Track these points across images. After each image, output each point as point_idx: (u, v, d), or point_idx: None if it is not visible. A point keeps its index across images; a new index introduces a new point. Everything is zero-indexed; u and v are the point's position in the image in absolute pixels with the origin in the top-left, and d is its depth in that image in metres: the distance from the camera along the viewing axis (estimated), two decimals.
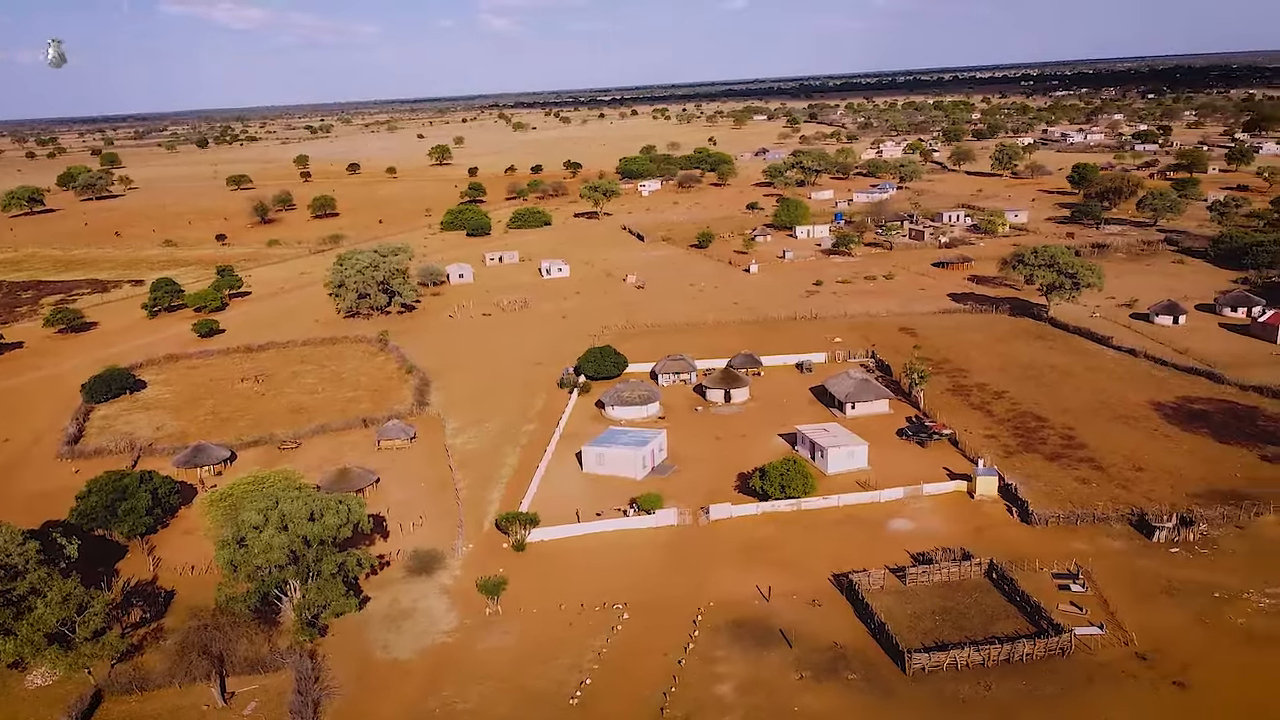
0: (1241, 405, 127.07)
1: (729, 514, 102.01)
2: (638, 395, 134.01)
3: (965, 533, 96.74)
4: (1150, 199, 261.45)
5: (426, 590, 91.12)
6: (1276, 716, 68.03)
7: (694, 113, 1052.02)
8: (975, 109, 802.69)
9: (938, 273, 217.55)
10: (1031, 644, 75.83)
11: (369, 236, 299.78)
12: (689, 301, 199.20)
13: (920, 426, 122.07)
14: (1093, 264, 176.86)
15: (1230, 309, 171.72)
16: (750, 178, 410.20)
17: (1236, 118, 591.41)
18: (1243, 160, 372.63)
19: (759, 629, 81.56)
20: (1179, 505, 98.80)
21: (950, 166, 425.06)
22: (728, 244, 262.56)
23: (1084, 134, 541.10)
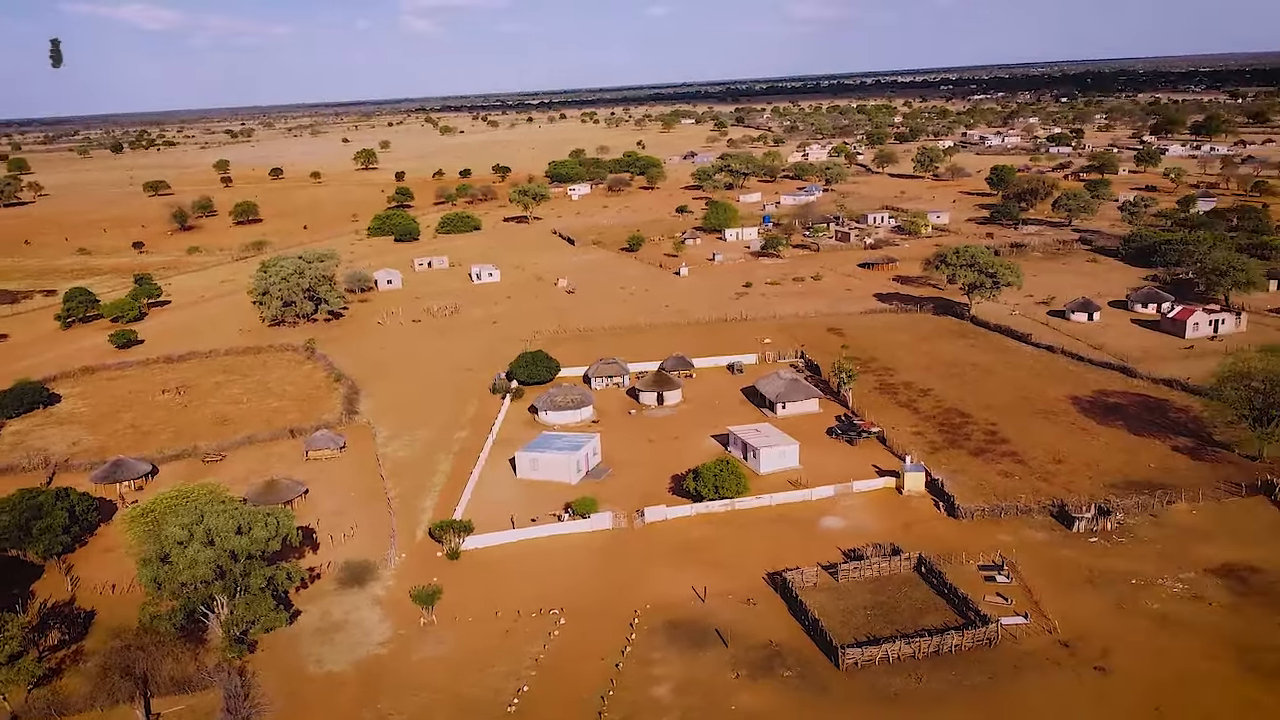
0: (1153, 398, 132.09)
1: (664, 516, 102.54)
2: (571, 400, 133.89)
3: (895, 528, 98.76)
4: (1065, 200, 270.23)
5: (359, 602, 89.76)
6: (1189, 696, 70.81)
7: (622, 116, 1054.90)
8: (897, 113, 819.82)
9: (864, 273, 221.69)
10: (960, 635, 77.74)
11: (294, 242, 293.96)
12: (621, 305, 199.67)
13: (849, 425, 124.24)
14: (1012, 263, 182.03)
15: (1141, 305, 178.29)
16: (679, 181, 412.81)
17: (1144, 121, 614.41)
18: (1150, 162, 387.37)
19: (695, 629, 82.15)
20: (1097, 496, 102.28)
21: (874, 169, 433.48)
22: (658, 247, 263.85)
23: (1001, 137, 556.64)
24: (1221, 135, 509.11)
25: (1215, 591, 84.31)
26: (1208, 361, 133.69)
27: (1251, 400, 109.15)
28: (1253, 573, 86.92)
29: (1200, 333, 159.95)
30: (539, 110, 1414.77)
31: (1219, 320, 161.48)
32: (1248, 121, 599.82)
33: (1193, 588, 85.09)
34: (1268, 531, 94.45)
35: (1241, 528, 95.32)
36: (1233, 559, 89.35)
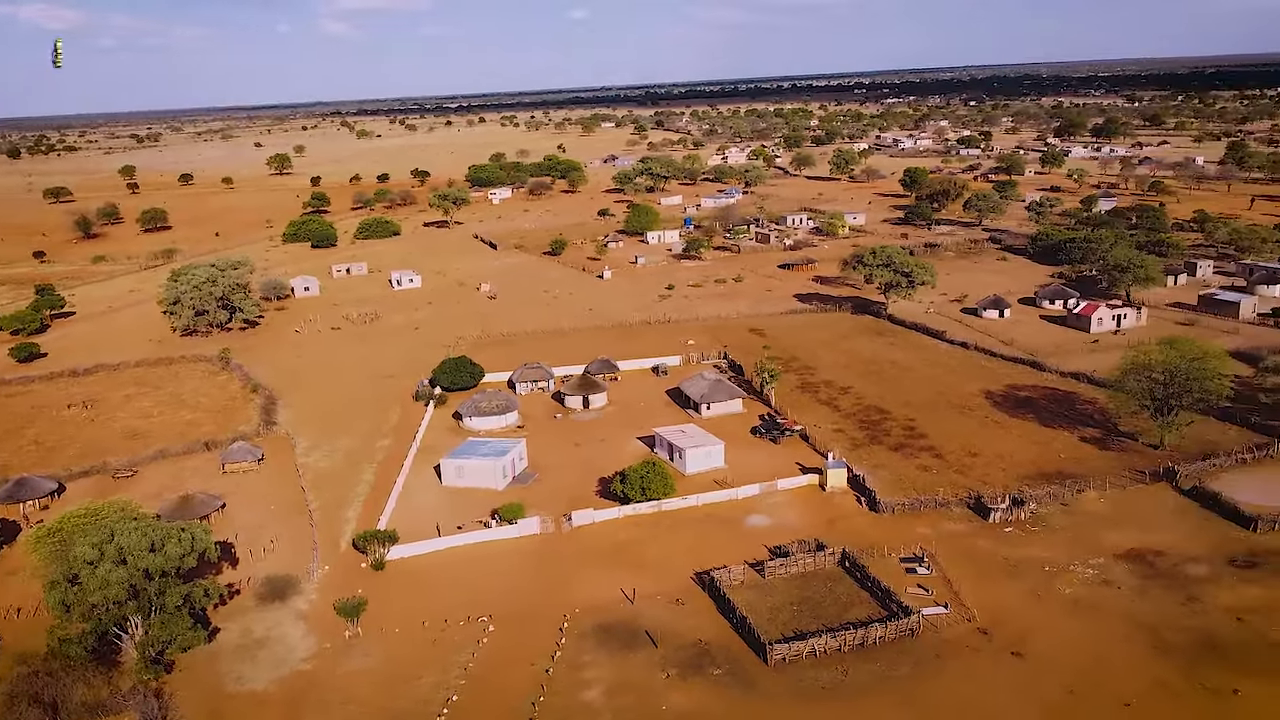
0: (1062, 391, 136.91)
1: (591, 519, 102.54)
2: (495, 405, 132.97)
3: (819, 524, 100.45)
4: (975, 200, 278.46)
5: (281, 617, 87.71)
6: (1101, 678, 73.56)
7: (542, 120, 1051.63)
8: (813, 116, 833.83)
9: (784, 274, 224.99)
10: (883, 627, 79.45)
11: (205, 250, 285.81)
12: (544, 309, 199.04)
13: (773, 424, 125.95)
14: (926, 263, 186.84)
15: (1049, 302, 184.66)
16: (600, 184, 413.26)
17: (1048, 124, 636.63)
18: (1055, 163, 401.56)
19: (625, 631, 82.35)
20: (1011, 487, 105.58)
21: (792, 171, 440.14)
22: (581, 250, 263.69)
23: (914, 139, 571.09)
24: (1120, 137, 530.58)
25: (1123, 576, 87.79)
26: (1112, 355, 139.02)
27: (1152, 391, 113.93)
28: (1158, 556, 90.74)
29: (1104, 327, 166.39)
30: (458, 114, 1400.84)
31: (1121, 315, 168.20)
32: (1144, 124, 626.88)
33: (1102, 573, 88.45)
34: (1171, 516, 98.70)
35: (1146, 513, 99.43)
36: (1139, 544, 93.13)
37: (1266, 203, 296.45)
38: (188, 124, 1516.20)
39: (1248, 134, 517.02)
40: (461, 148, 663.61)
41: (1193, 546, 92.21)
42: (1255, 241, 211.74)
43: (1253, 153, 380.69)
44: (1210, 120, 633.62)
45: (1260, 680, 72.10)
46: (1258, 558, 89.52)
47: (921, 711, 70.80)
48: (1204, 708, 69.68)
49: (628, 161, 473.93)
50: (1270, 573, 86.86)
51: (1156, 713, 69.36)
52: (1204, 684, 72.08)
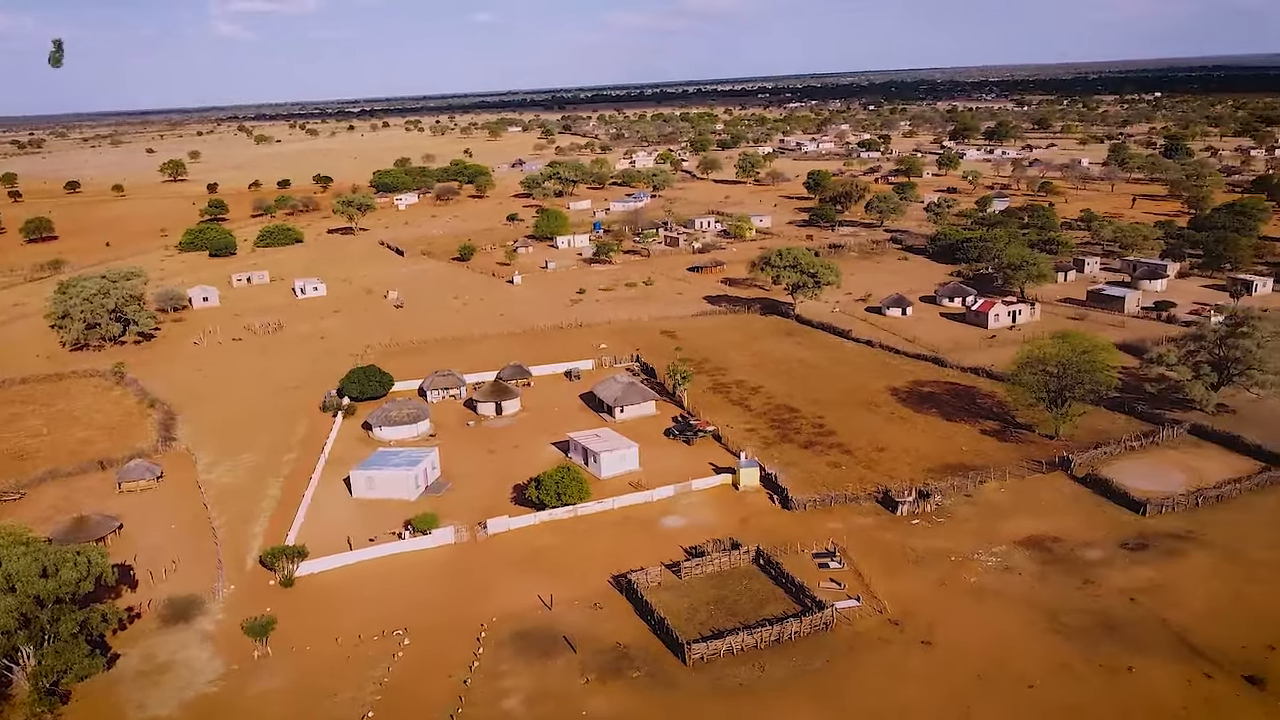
0: (962, 385, 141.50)
1: (507, 526, 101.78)
2: (406, 414, 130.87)
3: (733, 523, 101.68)
4: (876, 202, 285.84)
5: (185, 639, 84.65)
6: (1006, 662, 76.23)
7: (448, 124, 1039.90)
8: (719, 120, 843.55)
9: (693, 277, 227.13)
10: (798, 622, 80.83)
11: (96, 261, 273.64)
12: (454, 315, 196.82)
13: (686, 425, 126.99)
14: (831, 263, 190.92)
15: (948, 299, 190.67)
16: (509, 189, 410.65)
17: (943, 127, 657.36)
18: (951, 165, 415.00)
19: (543, 638, 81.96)
20: (917, 480, 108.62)
21: (699, 175, 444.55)
22: (490, 256, 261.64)
23: (816, 143, 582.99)
24: (1011, 140, 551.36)
25: (1024, 562, 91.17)
26: (1008, 350, 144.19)
27: (1046, 384, 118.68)
28: (1055, 542, 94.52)
29: (1001, 323, 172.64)
30: (360, 118, 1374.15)
31: (1017, 311, 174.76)
32: (1033, 127, 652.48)
33: (1004, 560, 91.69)
34: (1067, 503, 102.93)
35: (1044, 501, 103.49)
36: (1038, 531, 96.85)
37: (1147, 201, 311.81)
38: (73, 129, 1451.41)
39: (1128, 136, 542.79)
40: (365, 153, 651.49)
41: (1088, 532, 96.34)
42: (1138, 239, 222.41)
43: (1133, 154, 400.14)
44: (1093, 123, 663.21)
45: (1152, 657, 75.75)
46: (1147, 540, 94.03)
47: (836, 703, 72.31)
48: (1102, 686, 72.84)
49: (536, 166, 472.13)
50: (1159, 554, 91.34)
51: (1058, 693, 72.22)
52: (1101, 663, 75.36)
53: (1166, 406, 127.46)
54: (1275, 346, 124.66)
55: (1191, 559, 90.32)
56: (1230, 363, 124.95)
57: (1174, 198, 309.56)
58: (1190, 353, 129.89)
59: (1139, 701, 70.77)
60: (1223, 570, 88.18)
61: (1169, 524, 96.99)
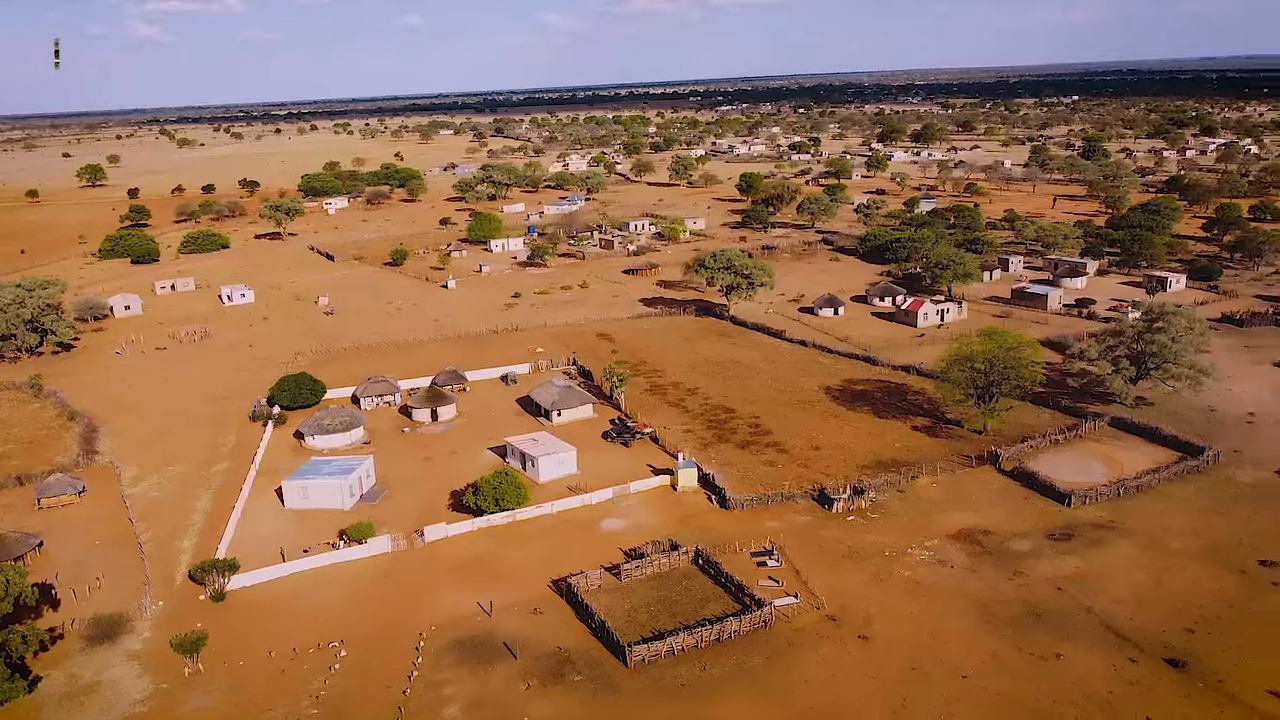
0: (894, 383, 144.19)
1: (444, 534, 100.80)
2: (339, 422, 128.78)
3: (672, 524, 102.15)
4: (807, 204, 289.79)
5: (111, 659, 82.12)
6: (940, 653, 77.94)
7: (378, 128, 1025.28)
8: (651, 123, 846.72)
9: (629, 279, 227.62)
10: (738, 621, 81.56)
11: (9, 269, 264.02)
12: (388, 321, 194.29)
13: (623, 427, 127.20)
14: (764, 264, 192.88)
15: (879, 299, 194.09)
16: (441, 193, 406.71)
17: (871, 130, 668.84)
18: (879, 167, 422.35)
19: (483, 645, 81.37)
20: (851, 477, 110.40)
21: (632, 178, 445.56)
22: (423, 260, 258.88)
23: (748, 145, 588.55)
24: (937, 142, 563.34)
25: (956, 555, 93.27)
26: (937, 347, 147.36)
27: (974, 380, 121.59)
28: (986, 535, 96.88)
29: (930, 322, 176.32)
30: (287, 121, 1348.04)
31: (945, 310, 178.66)
32: (958, 130, 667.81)
33: (937, 554, 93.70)
34: (996, 496, 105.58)
35: (974, 495, 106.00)
36: (969, 524, 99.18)
37: (1067, 201, 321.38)
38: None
39: (1047, 138, 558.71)
40: (293, 156, 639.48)
41: (1016, 524, 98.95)
42: (1059, 238, 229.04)
43: (1053, 156, 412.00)
44: (1015, 126, 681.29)
45: (1079, 644, 78.12)
46: (1073, 531, 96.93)
47: (777, 700, 73.13)
48: (1032, 673, 74.87)
49: (468, 169, 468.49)
50: (1084, 544, 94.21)
51: (990, 682, 74.03)
52: (1031, 652, 77.47)
53: (1088, 400, 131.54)
54: (1189, 341, 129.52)
55: (1114, 548, 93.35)
56: (1147, 357, 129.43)
57: (1092, 198, 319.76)
58: (1110, 348, 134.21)
59: (1068, 687, 72.91)
60: (1143, 558, 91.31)
61: (1093, 514, 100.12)
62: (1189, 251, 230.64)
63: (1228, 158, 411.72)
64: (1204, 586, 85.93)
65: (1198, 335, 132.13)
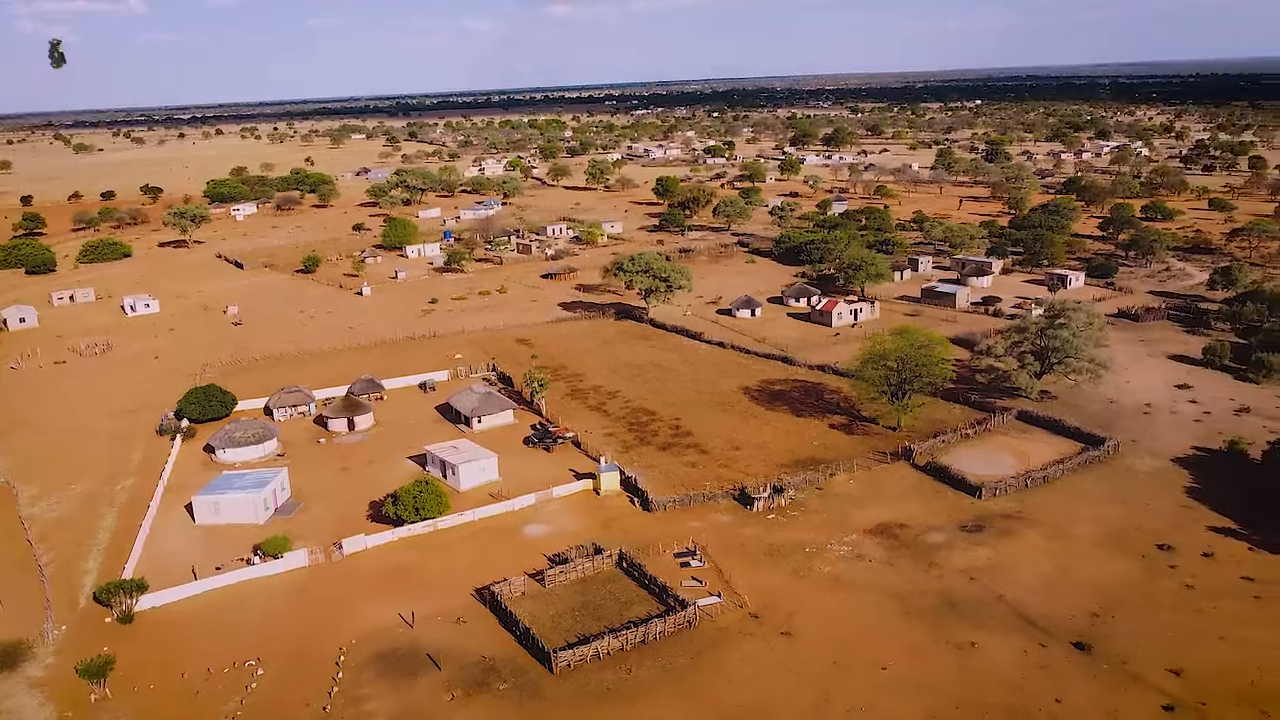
0: (810, 383, 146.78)
1: (364, 545, 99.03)
2: (252, 434, 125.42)
3: (595, 528, 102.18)
4: (723, 206, 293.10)
5: (10, 689, 78.45)
6: (861, 647, 79.61)
7: (287, 132, 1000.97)
8: (567, 127, 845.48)
9: (547, 284, 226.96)
10: (663, 622, 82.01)
11: None
12: (301, 329, 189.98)
13: (544, 432, 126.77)
14: (682, 267, 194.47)
15: (794, 300, 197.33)
16: (354, 198, 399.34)
17: (784, 134, 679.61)
18: (792, 170, 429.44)
19: (406, 657, 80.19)
20: (771, 476, 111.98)
21: (549, 182, 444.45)
22: (337, 267, 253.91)
23: (663, 149, 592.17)
24: (847, 145, 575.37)
25: (874, 549, 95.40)
26: (851, 346, 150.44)
27: (888, 378, 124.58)
28: (902, 528, 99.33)
29: (844, 321, 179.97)
30: (191, 126, 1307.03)
31: (858, 309, 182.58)
32: (867, 133, 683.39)
33: (855, 549, 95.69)
34: (911, 491, 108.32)
35: (889, 490, 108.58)
36: (885, 519, 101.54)
37: (972, 203, 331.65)
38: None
39: (952, 142, 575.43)
40: (197, 162, 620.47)
41: (930, 517, 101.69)
42: (965, 238, 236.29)
43: (958, 159, 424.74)
44: (922, 130, 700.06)
45: (993, 632, 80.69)
46: (984, 522, 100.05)
47: (702, 699, 73.75)
48: (948, 662, 77.04)
49: (381, 174, 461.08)
50: (995, 535, 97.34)
51: (909, 672, 75.92)
52: (947, 641, 79.72)
53: (996, 395, 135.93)
54: (1088, 336, 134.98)
55: (1023, 538, 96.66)
56: (1050, 352, 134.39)
57: (996, 199, 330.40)
58: (1015, 344, 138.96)
59: (982, 674, 75.23)
60: (1050, 547, 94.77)
61: (1002, 506, 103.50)
62: (1087, 250, 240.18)
63: (1121, 160, 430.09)
64: (1107, 572, 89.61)
65: (1096, 331, 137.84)
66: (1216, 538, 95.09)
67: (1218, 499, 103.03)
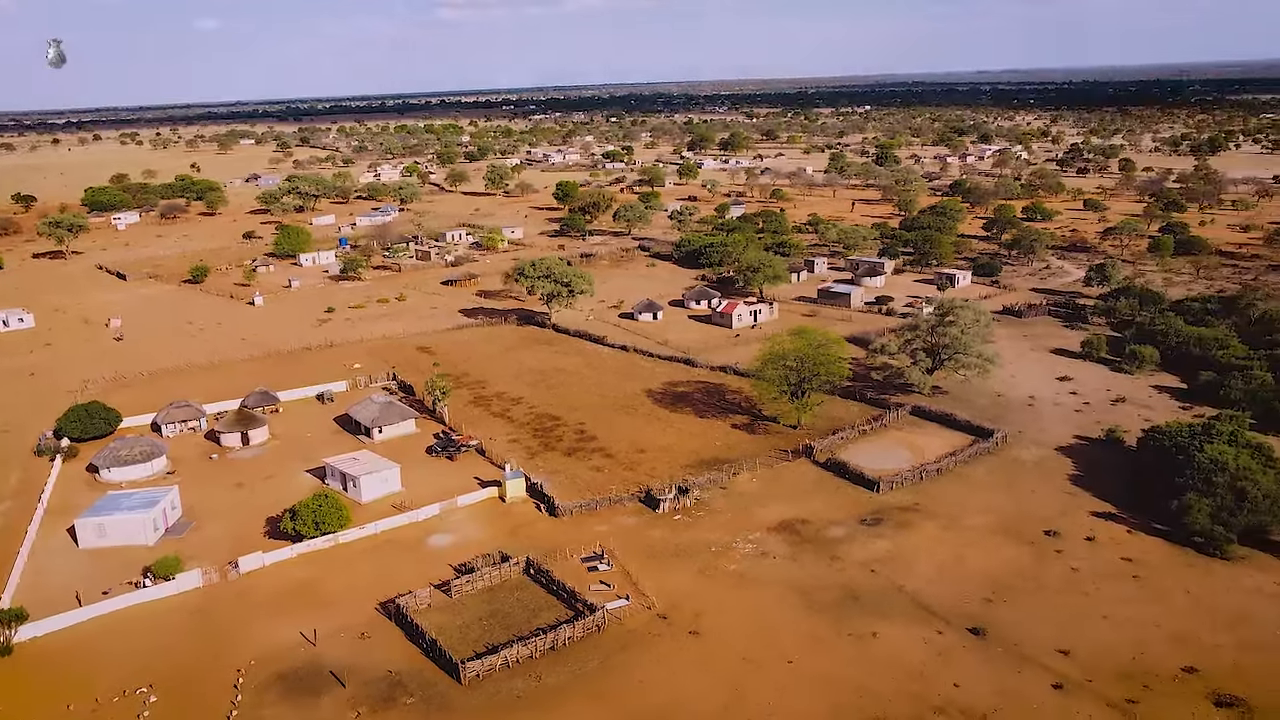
0: (713, 384, 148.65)
1: (261, 563, 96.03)
2: (138, 452, 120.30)
3: (501, 535, 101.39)
4: (623, 211, 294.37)
5: None
6: (768, 642, 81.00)
7: (171, 137, 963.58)
8: (465, 132, 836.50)
9: (447, 290, 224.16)
10: (571, 628, 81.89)
11: None
12: (190, 341, 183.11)
13: (448, 441, 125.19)
14: (583, 272, 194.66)
15: (695, 302, 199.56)
16: (244, 205, 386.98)
17: (682, 138, 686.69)
18: (690, 175, 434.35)
19: (308, 676, 78.10)
20: (676, 477, 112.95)
21: (447, 187, 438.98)
22: (227, 277, 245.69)
23: (562, 154, 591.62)
24: (744, 150, 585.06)
25: (778, 546, 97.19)
26: (752, 347, 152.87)
27: (788, 378, 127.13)
28: (804, 524, 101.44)
29: (744, 323, 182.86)
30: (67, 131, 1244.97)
31: (757, 311, 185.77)
32: (763, 138, 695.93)
33: (760, 546, 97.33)
34: (812, 487, 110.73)
35: (791, 487, 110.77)
36: (788, 515, 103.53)
37: (864, 205, 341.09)
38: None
39: (844, 146, 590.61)
40: (74, 169, 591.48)
41: (831, 512, 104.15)
42: (858, 240, 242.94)
43: (850, 162, 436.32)
44: (815, 134, 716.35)
45: (894, 621, 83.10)
46: (882, 515, 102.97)
47: (613, 702, 73.92)
48: (851, 653, 79.03)
49: (273, 180, 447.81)
50: (893, 527, 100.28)
51: (814, 664, 77.60)
52: (850, 632, 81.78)
53: (891, 391, 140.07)
54: (976, 333, 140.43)
55: (919, 529, 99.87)
56: (941, 349, 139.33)
57: (886, 201, 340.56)
58: (908, 342, 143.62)
59: (885, 663, 77.42)
60: (946, 536, 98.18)
61: (899, 499, 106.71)
62: (973, 250, 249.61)
63: (1002, 163, 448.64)
64: (999, 559, 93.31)
65: (984, 327, 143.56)
66: (1098, 522, 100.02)
67: (1098, 485, 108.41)
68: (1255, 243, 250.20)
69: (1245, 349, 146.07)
